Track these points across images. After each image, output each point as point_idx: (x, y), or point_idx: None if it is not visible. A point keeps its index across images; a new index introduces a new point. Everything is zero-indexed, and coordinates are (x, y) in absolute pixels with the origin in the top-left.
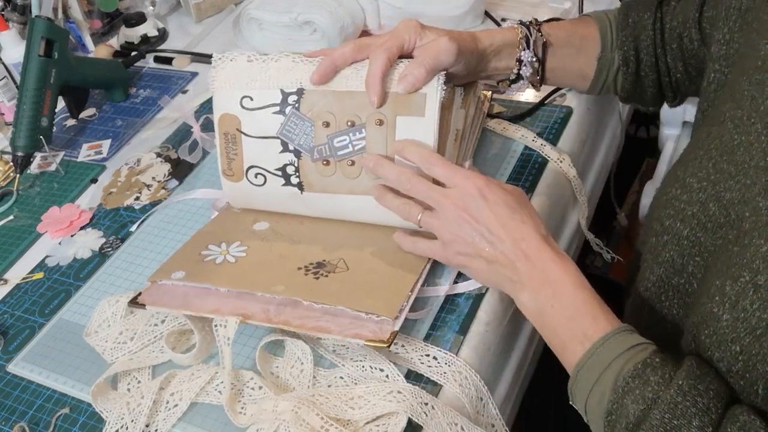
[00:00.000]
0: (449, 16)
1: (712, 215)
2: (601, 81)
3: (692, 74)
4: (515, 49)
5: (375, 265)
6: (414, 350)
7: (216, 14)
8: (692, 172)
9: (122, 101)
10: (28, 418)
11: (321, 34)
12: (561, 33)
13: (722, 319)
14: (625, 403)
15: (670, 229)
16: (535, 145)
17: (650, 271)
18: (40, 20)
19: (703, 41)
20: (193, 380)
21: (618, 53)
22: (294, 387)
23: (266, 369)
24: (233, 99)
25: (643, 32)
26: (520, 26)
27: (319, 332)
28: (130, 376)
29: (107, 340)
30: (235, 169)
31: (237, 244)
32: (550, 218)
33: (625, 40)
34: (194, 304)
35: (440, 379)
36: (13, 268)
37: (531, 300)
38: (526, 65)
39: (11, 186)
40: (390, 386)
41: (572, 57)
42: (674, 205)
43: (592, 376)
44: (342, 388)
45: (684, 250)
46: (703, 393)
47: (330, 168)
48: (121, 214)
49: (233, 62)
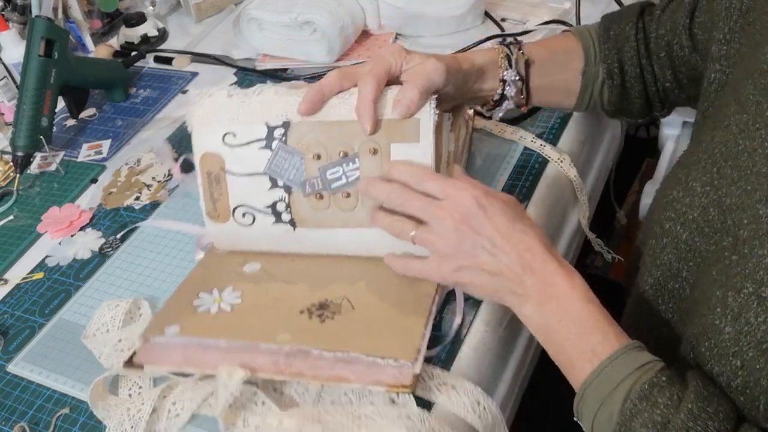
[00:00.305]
0: (449, 16)
1: (711, 220)
2: (587, 96)
3: (683, 82)
4: (498, 69)
5: (381, 302)
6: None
7: (216, 14)
8: (696, 176)
9: (122, 101)
10: (28, 418)
11: (321, 34)
12: (542, 51)
13: (724, 332)
14: (634, 426)
15: (669, 232)
16: (534, 145)
17: (648, 273)
18: (40, 20)
19: (694, 48)
20: (197, 390)
21: (602, 66)
22: (299, 403)
23: (269, 385)
24: (215, 136)
25: (626, 44)
26: (500, 46)
27: (336, 382)
28: (131, 381)
29: (105, 344)
30: (221, 210)
31: (230, 289)
32: (550, 219)
33: (608, 53)
34: (196, 360)
35: (431, 397)
36: (13, 268)
37: (536, 314)
38: (510, 85)
39: (11, 186)
40: (399, 410)
41: (556, 73)
42: (675, 207)
43: (600, 395)
44: (348, 406)
45: (681, 254)
46: (713, 416)
47: (324, 202)
48: (121, 214)
49: (212, 98)
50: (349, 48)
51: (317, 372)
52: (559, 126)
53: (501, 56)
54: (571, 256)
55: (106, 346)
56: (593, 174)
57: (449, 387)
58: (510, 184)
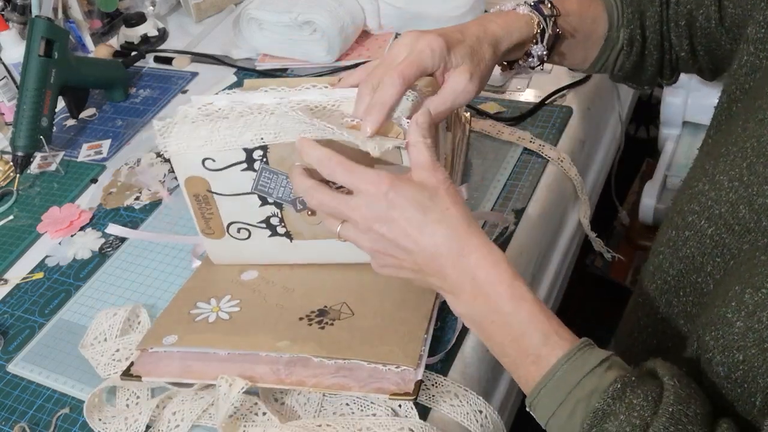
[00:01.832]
0: (449, 16)
1: (741, 218)
2: (602, 61)
3: (698, 53)
4: (529, 44)
5: (380, 306)
6: None
7: (216, 14)
8: (723, 169)
9: (122, 101)
10: (28, 418)
11: (321, 34)
12: (574, 20)
13: (735, 326)
14: (607, 428)
15: (693, 225)
16: (533, 146)
17: (669, 264)
18: (40, 20)
19: (721, 21)
20: (196, 401)
21: (623, 32)
22: (300, 415)
23: (270, 395)
24: (194, 161)
25: (650, 8)
26: (537, 16)
27: (338, 390)
28: (128, 391)
29: (103, 354)
30: (215, 227)
31: (227, 298)
32: (550, 220)
33: (631, 18)
34: (195, 370)
35: (433, 405)
36: (13, 268)
37: (467, 311)
38: (534, 57)
39: (11, 186)
40: (401, 422)
41: (580, 42)
42: (700, 201)
43: (558, 396)
44: (349, 418)
45: (705, 248)
46: (693, 419)
47: (316, 217)
48: (121, 214)
49: (178, 126)
50: (349, 48)
51: (318, 380)
52: (559, 126)
53: (537, 31)
54: (570, 256)
55: (104, 355)
56: (593, 174)
57: (452, 395)
58: (509, 185)
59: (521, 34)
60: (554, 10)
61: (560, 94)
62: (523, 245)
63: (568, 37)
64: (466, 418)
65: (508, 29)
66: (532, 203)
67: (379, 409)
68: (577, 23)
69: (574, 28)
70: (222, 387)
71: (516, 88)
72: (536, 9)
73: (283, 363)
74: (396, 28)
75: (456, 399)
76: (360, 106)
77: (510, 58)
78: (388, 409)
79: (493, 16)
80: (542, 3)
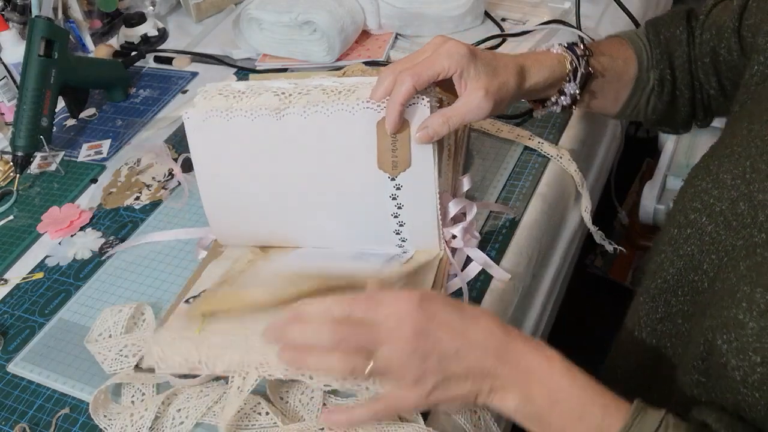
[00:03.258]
0: (449, 16)
1: (739, 214)
2: (633, 103)
3: (727, 88)
4: (561, 82)
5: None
6: None
7: (216, 14)
8: (727, 168)
9: (122, 101)
10: (28, 418)
11: (321, 34)
12: (606, 61)
13: (747, 327)
14: None
15: (694, 223)
16: (532, 143)
17: (670, 263)
18: (40, 20)
19: (742, 51)
20: (201, 398)
21: (654, 72)
22: (303, 416)
23: (275, 394)
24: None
25: (678, 48)
26: (569, 55)
27: None
28: (134, 387)
29: (110, 349)
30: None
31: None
32: (550, 219)
33: (660, 58)
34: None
35: None
36: (13, 268)
37: (522, 404)
38: (566, 95)
39: (11, 186)
40: (405, 428)
41: (612, 83)
42: (702, 198)
43: None
44: None
45: (704, 246)
46: None
47: None
48: (121, 214)
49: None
50: (349, 48)
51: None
52: (559, 125)
53: (569, 69)
54: (571, 255)
55: (111, 351)
56: (593, 174)
57: None
58: (510, 184)
59: (553, 71)
60: (587, 51)
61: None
62: (523, 245)
63: (599, 77)
64: (462, 418)
65: (539, 63)
66: (532, 202)
67: (384, 420)
68: (609, 63)
69: (605, 68)
70: (235, 380)
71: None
72: (570, 49)
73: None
74: (396, 28)
75: None
76: (377, 92)
77: (541, 96)
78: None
79: (527, 53)
80: (575, 44)
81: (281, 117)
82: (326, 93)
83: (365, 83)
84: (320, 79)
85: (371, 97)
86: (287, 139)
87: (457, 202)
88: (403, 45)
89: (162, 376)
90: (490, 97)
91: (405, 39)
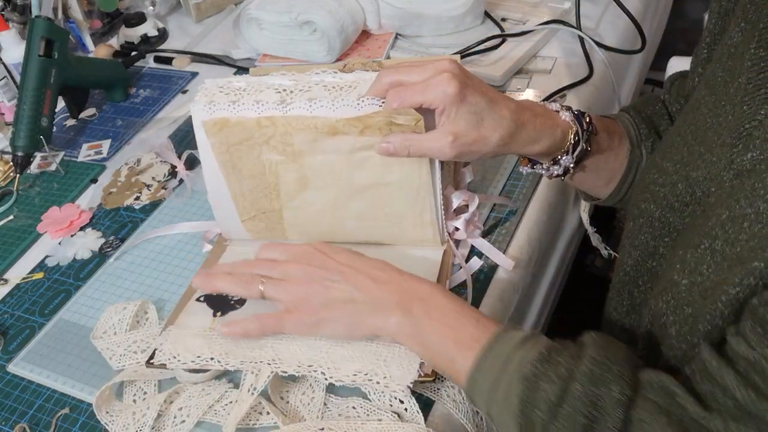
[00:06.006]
0: (449, 16)
1: (679, 194)
2: (629, 179)
3: None
4: (559, 151)
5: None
6: None
7: (216, 14)
8: (669, 156)
9: (122, 101)
10: (28, 418)
11: (321, 34)
12: (604, 139)
13: (681, 284)
14: (540, 386)
15: (645, 212)
16: None
17: (628, 255)
18: (40, 20)
19: None
20: (203, 397)
21: (645, 147)
22: (303, 415)
23: (276, 393)
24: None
25: (662, 122)
26: (576, 126)
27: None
28: (135, 386)
29: (119, 345)
30: None
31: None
32: (550, 219)
33: (648, 133)
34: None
35: (433, 396)
36: (13, 268)
37: (403, 320)
38: (560, 166)
39: (11, 186)
40: (405, 428)
41: (607, 162)
42: (650, 188)
43: (492, 373)
44: (353, 421)
45: (655, 231)
46: (615, 361)
47: None
48: (121, 214)
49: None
50: (349, 48)
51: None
52: None
53: (571, 142)
54: (570, 255)
55: (120, 346)
56: None
57: (456, 390)
58: (510, 184)
59: (553, 141)
60: (591, 127)
61: (560, 95)
62: (523, 245)
63: (595, 154)
64: (464, 416)
65: (540, 130)
66: (532, 203)
67: (384, 415)
68: (606, 142)
69: (601, 148)
70: (248, 379)
71: (516, 89)
72: (577, 119)
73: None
74: (396, 28)
75: (460, 395)
76: (373, 89)
77: (535, 159)
78: (393, 415)
79: (538, 109)
80: (584, 114)
81: (287, 112)
82: (327, 89)
83: (365, 79)
84: (321, 75)
85: (367, 93)
86: None
87: (460, 194)
88: (403, 45)
89: (170, 371)
90: (457, 145)
91: (405, 39)
